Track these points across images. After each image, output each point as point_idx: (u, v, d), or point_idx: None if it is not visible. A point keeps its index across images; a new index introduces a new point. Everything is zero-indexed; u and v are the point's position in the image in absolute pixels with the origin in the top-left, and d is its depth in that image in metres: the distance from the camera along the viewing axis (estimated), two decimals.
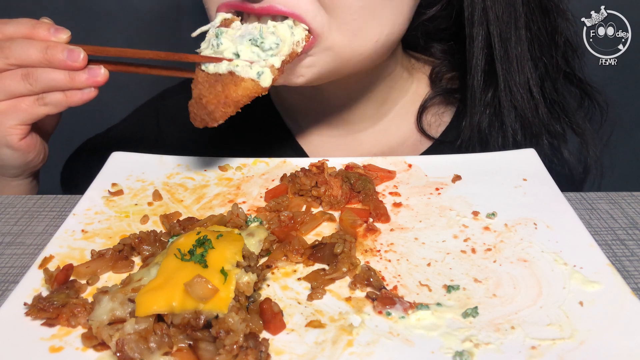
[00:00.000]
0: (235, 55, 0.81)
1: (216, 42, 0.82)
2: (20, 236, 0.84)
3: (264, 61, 0.81)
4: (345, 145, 1.15)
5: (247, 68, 0.80)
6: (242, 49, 0.81)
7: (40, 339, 0.62)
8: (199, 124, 0.81)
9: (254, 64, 0.81)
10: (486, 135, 1.05)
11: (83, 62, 0.85)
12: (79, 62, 0.84)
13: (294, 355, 0.60)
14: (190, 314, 0.59)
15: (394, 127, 1.15)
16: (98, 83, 0.86)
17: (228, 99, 0.79)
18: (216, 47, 0.82)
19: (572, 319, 0.63)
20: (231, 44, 0.81)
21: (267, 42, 0.81)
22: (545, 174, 0.88)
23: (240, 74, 0.81)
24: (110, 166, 0.93)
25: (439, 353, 0.59)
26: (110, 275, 0.72)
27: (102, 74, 0.86)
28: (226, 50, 0.81)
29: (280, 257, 0.73)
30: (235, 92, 0.79)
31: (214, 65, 0.82)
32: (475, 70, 1.04)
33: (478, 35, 1.02)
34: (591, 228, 0.83)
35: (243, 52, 0.80)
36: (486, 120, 1.05)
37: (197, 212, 0.83)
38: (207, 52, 0.84)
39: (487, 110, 1.05)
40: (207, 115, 0.79)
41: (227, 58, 0.82)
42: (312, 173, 0.86)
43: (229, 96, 0.79)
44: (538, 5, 1.03)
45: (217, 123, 0.80)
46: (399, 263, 0.73)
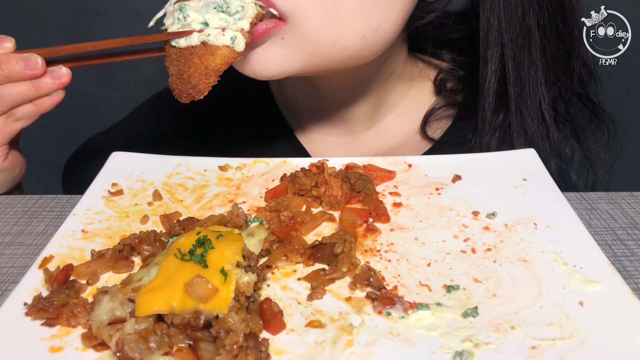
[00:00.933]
0: (204, 24, 0.81)
1: (182, 16, 0.81)
2: (20, 236, 0.84)
3: (234, 25, 0.81)
4: (346, 145, 1.15)
5: (219, 36, 0.80)
6: (209, 17, 0.80)
7: (40, 339, 0.62)
8: (186, 99, 0.81)
9: (225, 30, 0.81)
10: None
11: (42, 68, 0.82)
12: (39, 69, 0.82)
13: (294, 355, 0.60)
14: (190, 314, 0.59)
15: (394, 128, 1.15)
16: (63, 84, 0.84)
17: (208, 69, 0.79)
18: (183, 21, 0.81)
19: (572, 319, 0.63)
20: (198, 15, 0.81)
21: (232, 6, 0.80)
22: (545, 174, 0.88)
23: (213, 42, 0.80)
24: (110, 166, 0.93)
25: (439, 353, 0.59)
26: (110, 275, 0.72)
27: (65, 74, 0.83)
28: (194, 22, 0.81)
29: (280, 257, 0.73)
30: (213, 62, 0.79)
31: (185, 39, 0.81)
32: (488, 92, 1.03)
33: (492, 57, 1.01)
34: (591, 228, 0.83)
35: (212, 20, 0.80)
36: (495, 142, 1.05)
37: (197, 212, 0.83)
38: (173, 27, 0.84)
39: (496, 133, 1.04)
40: (192, 89, 0.79)
41: (197, 29, 0.81)
42: (312, 173, 0.86)
43: (208, 66, 0.79)
44: (554, 30, 1.02)
45: (202, 95, 0.81)
46: (399, 263, 0.73)
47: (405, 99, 1.15)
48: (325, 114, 1.13)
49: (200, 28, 0.81)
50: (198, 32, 0.81)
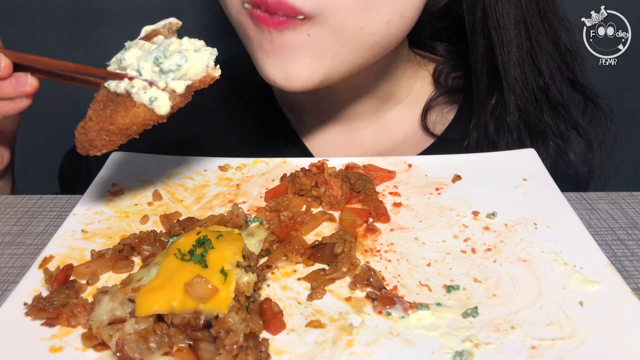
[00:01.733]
0: (138, 72, 0.72)
1: (121, 56, 0.74)
2: (20, 236, 0.84)
3: (163, 83, 0.72)
4: (347, 141, 1.15)
5: (141, 91, 0.71)
6: (144, 66, 0.72)
7: (40, 339, 0.62)
8: (81, 151, 0.72)
9: (152, 87, 0.72)
10: (493, 137, 1.06)
11: (6, 71, 0.77)
12: (1, 70, 0.76)
13: (294, 355, 0.60)
14: (190, 314, 0.59)
15: (396, 124, 1.15)
16: (26, 92, 0.79)
17: (114, 125, 0.70)
18: (119, 63, 0.74)
19: (572, 319, 0.63)
20: (135, 60, 0.72)
21: (167, 63, 0.72)
22: (545, 174, 0.88)
23: (135, 96, 0.71)
24: (110, 166, 0.93)
25: (439, 353, 0.59)
26: (110, 275, 0.72)
27: (30, 83, 0.78)
28: (129, 67, 0.73)
29: (280, 257, 0.73)
30: (123, 118, 0.70)
31: (115, 83, 0.73)
32: (480, 74, 1.05)
33: (480, 41, 1.03)
34: (591, 228, 0.83)
35: (144, 70, 0.71)
36: (492, 123, 1.06)
37: (197, 212, 0.83)
38: (112, 67, 0.75)
39: (493, 113, 1.06)
40: (89, 143, 0.70)
41: (129, 76, 0.73)
42: (312, 173, 0.86)
43: (115, 122, 0.70)
44: (537, 12, 1.04)
45: (99, 152, 0.71)
46: (399, 263, 0.73)
47: (409, 94, 1.16)
48: (329, 111, 1.13)
49: (132, 75, 0.72)
50: (129, 79, 0.73)
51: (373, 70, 1.05)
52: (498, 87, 1.05)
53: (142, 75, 0.72)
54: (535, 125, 1.05)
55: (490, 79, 1.05)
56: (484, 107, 1.06)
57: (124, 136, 0.71)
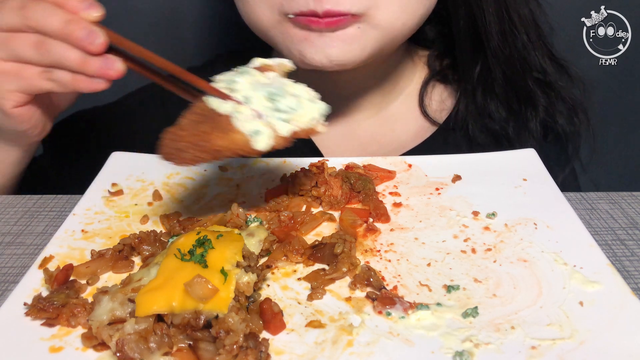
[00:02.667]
0: (246, 99, 0.70)
1: (232, 78, 0.72)
2: (20, 236, 0.84)
3: (271, 121, 0.70)
4: (349, 133, 1.15)
5: (246, 120, 0.69)
6: (255, 96, 0.70)
7: (40, 339, 0.62)
8: (165, 156, 0.69)
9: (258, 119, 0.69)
10: (481, 103, 1.11)
11: (100, 48, 0.74)
12: (95, 45, 0.74)
13: (294, 355, 0.60)
14: (190, 314, 0.59)
15: (398, 115, 1.16)
16: (109, 76, 0.76)
17: (208, 143, 0.67)
18: (229, 84, 0.72)
19: (572, 319, 0.63)
20: (247, 87, 0.71)
21: (282, 102, 0.70)
22: (545, 174, 0.89)
23: (235, 122, 0.69)
24: (110, 166, 0.93)
25: (439, 353, 0.59)
26: (110, 275, 0.72)
27: (117, 68, 0.75)
28: (238, 91, 0.71)
29: (280, 257, 0.73)
30: (219, 140, 0.67)
31: (218, 101, 0.71)
32: (464, 45, 1.10)
33: (461, 13, 1.08)
34: (591, 228, 0.83)
35: (254, 100, 0.69)
36: (479, 89, 1.11)
37: (197, 212, 0.83)
38: (219, 84, 0.73)
39: (479, 80, 1.11)
40: (176, 152, 0.68)
41: (236, 99, 0.71)
42: (312, 173, 0.86)
43: (209, 141, 0.67)
44: None
45: (184, 164, 0.68)
46: (399, 263, 0.73)
47: (409, 85, 1.18)
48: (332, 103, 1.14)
49: (240, 100, 0.70)
50: (236, 102, 0.71)
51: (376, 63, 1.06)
52: (482, 56, 1.09)
53: (252, 105, 0.70)
54: (521, 88, 1.10)
55: (473, 49, 1.09)
56: (470, 75, 1.11)
57: (212, 157, 0.68)
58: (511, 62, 1.07)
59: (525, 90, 1.10)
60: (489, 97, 1.11)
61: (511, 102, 1.10)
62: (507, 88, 1.10)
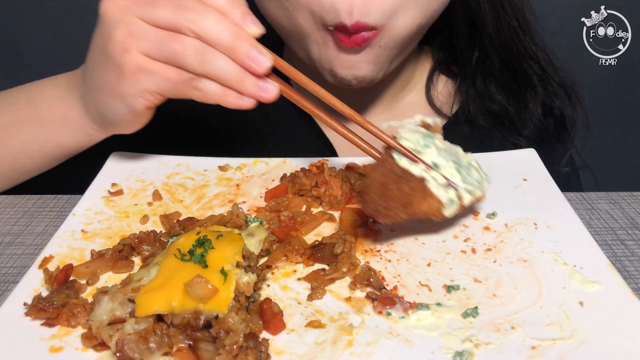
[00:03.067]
0: (434, 165, 0.72)
1: (423, 142, 0.73)
2: (20, 236, 0.84)
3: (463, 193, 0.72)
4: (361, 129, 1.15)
5: (440, 186, 0.71)
6: (442, 162, 0.72)
7: (40, 339, 0.62)
8: (369, 211, 0.69)
9: (449, 187, 0.72)
10: (480, 87, 1.13)
11: (264, 71, 0.74)
12: (261, 68, 0.73)
13: (294, 355, 0.60)
14: (190, 314, 0.59)
15: (409, 110, 1.17)
16: (263, 99, 0.75)
17: (411, 206, 0.69)
18: (419, 146, 0.73)
19: (572, 319, 0.63)
20: (435, 152, 0.72)
21: (473, 175, 0.73)
22: (545, 174, 0.89)
23: (431, 187, 0.70)
24: (110, 166, 0.93)
25: (439, 353, 0.59)
26: (110, 275, 0.72)
27: (272, 93, 0.74)
28: (427, 155, 0.72)
29: (280, 257, 0.73)
30: (418, 204, 0.69)
31: (409, 162, 0.72)
32: (461, 31, 1.11)
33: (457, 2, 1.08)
34: (591, 228, 0.83)
35: (443, 167, 0.71)
36: (479, 74, 1.12)
37: (197, 212, 0.83)
38: (407, 143, 0.74)
39: (478, 64, 1.12)
40: (386, 210, 0.68)
41: (426, 163, 0.72)
42: (312, 173, 0.86)
43: (412, 203, 0.69)
44: None
45: (384, 221, 0.69)
46: (399, 263, 0.73)
47: (421, 81, 1.19)
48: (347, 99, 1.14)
49: (429, 164, 0.72)
50: (426, 166, 0.72)
51: None
52: (479, 42, 1.11)
53: (441, 170, 0.72)
54: (519, 71, 1.11)
55: (471, 37, 1.11)
56: (469, 61, 1.13)
57: (409, 217, 0.70)
58: (506, 47, 1.09)
59: (522, 73, 1.11)
60: (488, 81, 1.13)
61: (510, 84, 1.12)
62: (505, 72, 1.12)
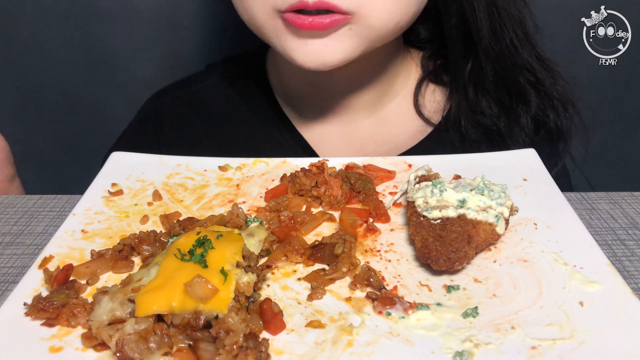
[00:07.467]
0: (461, 202, 0.77)
1: (438, 191, 0.79)
2: (20, 236, 0.84)
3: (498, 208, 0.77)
4: (345, 134, 1.15)
5: (481, 212, 0.76)
6: (467, 196, 0.77)
7: (40, 339, 0.62)
8: (443, 263, 0.71)
9: (487, 209, 0.76)
10: (473, 100, 1.11)
11: None
12: None
13: (294, 355, 0.60)
14: (190, 314, 0.59)
15: (394, 116, 1.16)
16: None
17: (472, 239, 0.73)
18: (438, 195, 0.78)
19: (572, 319, 0.63)
20: (455, 192, 0.78)
21: (496, 192, 0.78)
22: (545, 174, 0.89)
23: (474, 217, 0.76)
24: (110, 166, 0.93)
25: (439, 353, 0.59)
26: (110, 275, 0.72)
27: None
28: (451, 198, 0.78)
29: (280, 257, 0.73)
30: (476, 234, 0.74)
31: (440, 211, 0.77)
32: (455, 42, 1.10)
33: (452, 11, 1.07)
34: (591, 228, 0.83)
35: (470, 200, 0.77)
36: (471, 86, 1.11)
37: (197, 212, 0.83)
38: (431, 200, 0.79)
39: (470, 77, 1.11)
40: (454, 253, 0.71)
41: (453, 205, 0.78)
42: (312, 173, 0.86)
43: (472, 236, 0.73)
44: None
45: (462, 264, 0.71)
46: (399, 263, 0.73)
47: (405, 87, 1.18)
48: (328, 103, 1.14)
49: (456, 205, 0.77)
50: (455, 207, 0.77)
51: (372, 63, 1.07)
52: (473, 54, 1.09)
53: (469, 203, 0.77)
54: (512, 84, 1.10)
55: (465, 47, 1.10)
56: (462, 72, 1.11)
57: (474, 252, 0.73)
58: (502, 60, 1.08)
59: (516, 87, 1.10)
60: (481, 94, 1.11)
61: (502, 98, 1.11)
62: (499, 85, 1.11)
